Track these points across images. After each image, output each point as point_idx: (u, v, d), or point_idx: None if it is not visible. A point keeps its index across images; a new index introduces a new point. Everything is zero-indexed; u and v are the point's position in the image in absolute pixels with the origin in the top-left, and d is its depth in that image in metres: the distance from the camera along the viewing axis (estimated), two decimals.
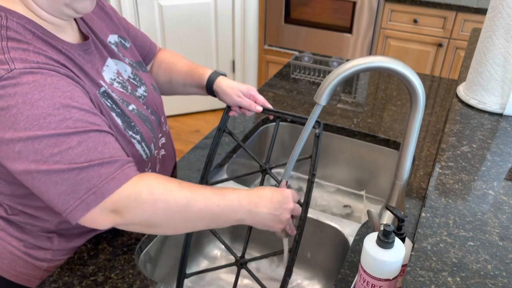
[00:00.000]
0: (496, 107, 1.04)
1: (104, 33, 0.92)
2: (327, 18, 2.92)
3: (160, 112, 1.01)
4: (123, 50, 0.97)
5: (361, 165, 1.38)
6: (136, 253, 0.92)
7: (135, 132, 0.86)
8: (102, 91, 0.82)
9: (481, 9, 2.49)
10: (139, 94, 0.95)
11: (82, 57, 0.81)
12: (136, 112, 0.90)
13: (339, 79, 0.73)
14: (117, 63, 0.92)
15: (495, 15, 0.98)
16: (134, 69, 0.97)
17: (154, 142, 0.93)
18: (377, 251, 0.71)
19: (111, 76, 0.88)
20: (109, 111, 0.81)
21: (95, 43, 0.87)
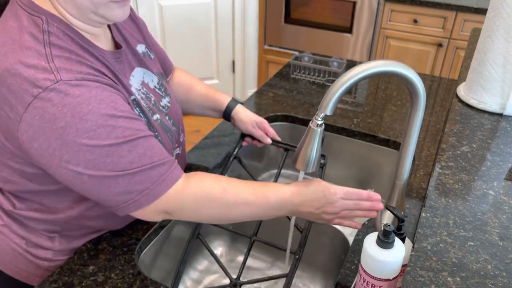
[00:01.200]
0: (496, 107, 1.04)
1: (134, 41, 0.94)
2: (327, 18, 2.92)
3: (180, 123, 1.01)
4: (149, 60, 0.98)
5: (361, 165, 1.38)
6: (136, 253, 0.92)
7: (159, 142, 0.86)
8: (132, 99, 0.82)
9: (481, 9, 2.49)
10: (163, 104, 0.95)
11: (112, 65, 0.81)
12: (160, 123, 0.90)
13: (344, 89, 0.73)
14: (145, 72, 0.93)
15: (495, 15, 0.98)
16: (161, 79, 0.98)
17: (172, 154, 0.94)
18: (377, 251, 0.71)
19: (137, 86, 0.89)
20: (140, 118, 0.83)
21: (125, 52, 0.88)
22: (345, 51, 2.97)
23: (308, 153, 0.80)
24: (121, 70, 0.84)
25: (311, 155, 0.81)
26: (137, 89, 0.88)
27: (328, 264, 1.11)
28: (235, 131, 1.34)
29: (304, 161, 0.81)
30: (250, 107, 1.47)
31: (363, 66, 0.72)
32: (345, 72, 0.73)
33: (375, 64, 0.73)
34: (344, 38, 2.93)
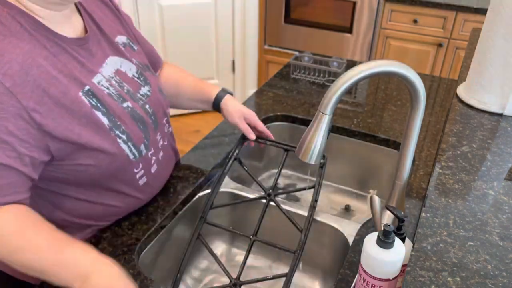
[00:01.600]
0: (496, 107, 1.04)
1: (113, 32, 0.94)
2: (327, 18, 2.92)
3: (161, 113, 1.01)
4: (131, 51, 0.98)
5: (361, 165, 1.38)
6: (136, 253, 0.92)
7: (121, 132, 0.86)
8: (86, 89, 0.81)
9: (481, 9, 2.49)
10: (142, 93, 0.95)
11: (76, 51, 0.81)
12: (130, 111, 0.89)
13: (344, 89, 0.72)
14: (123, 61, 0.93)
15: (495, 15, 0.98)
16: (141, 69, 0.97)
17: (146, 144, 0.92)
18: (377, 251, 0.71)
19: (109, 73, 0.88)
20: (91, 111, 0.81)
21: (97, 40, 0.88)
22: (345, 51, 2.97)
23: (313, 141, 0.77)
24: (85, 57, 0.83)
25: (316, 143, 0.77)
26: (104, 79, 0.87)
27: (328, 264, 1.11)
28: (235, 131, 1.34)
29: (308, 150, 0.78)
30: (250, 107, 1.47)
31: (363, 66, 0.72)
32: (345, 72, 0.73)
33: (375, 64, 0.73)
34: (344, 38, 2.93)
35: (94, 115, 0.81)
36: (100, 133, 0.82)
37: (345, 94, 0.74)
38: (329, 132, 0.77)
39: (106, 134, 0.83)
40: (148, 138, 0.93)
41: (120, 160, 0.86)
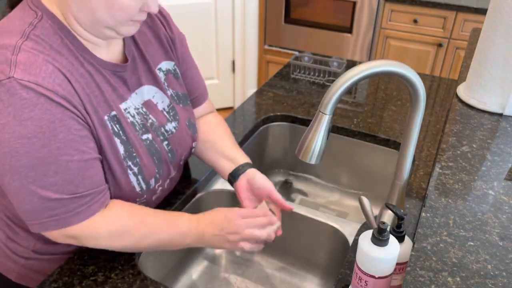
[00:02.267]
0: (496, 107, 1.04)
1: (156, 59, 0.91)
2: (327, 18, 2.92)
3: (182, 153, 0.97)
4: (173, 79, 0.95)
5: (361, 165, 1.38)
6: (136, 253, 0.92)
7: (134, 164, 0.84)
8: (112, 114, 0.80)
9: (481, 9, 2.49)
10: (167, 129, 0.92)
11: (109, 76, 0.80)
12: (148, 144, 0.87)
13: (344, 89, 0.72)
14: (157, 92, 0.91)
15: (495, 15, 0.98)
16: (174, 102, 0.94)
17: (157, 178, 0.90)
18: (371, 249, 0.71)
19: (136, 104, 0.86)
20: (111, 136, 0.80)
21: (135, 67, 0.86)
22: (345, 51, 2.97)
23: (313, 141, 0.77)
24: (116, 83, 0.82)
25: (316, 143, 0.77)
26: (132, 107, 0.85)
27: (328, 264, 1.11)
28: (235, 131, 1.34)
29: (309, 150, 0.78)
30: (250, 107, 1.47)
31: (363, 66, 0.72)
32: (345, 72, 0.73)
33: (375, 64, 0.73)
34: (344, 38, 2.93)
35: (113, 141, 0.80)
36: (115, 161, 0.81)
37: (345, 94, 0.74)
38: (329, 132, 0.77)
39: (119, 162, 0.82)
40: (160, 173, 0.91)
41: (125, 190, 0.84)
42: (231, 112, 1.45)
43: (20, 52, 0.68)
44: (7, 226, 0.92)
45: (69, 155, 0.71)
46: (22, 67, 0.67)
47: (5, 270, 0.94)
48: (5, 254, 0.93)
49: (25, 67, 0.67)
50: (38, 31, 0.71)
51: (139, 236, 0.83)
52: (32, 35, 0.70)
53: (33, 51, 0.69)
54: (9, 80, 0.66)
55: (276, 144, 1.47)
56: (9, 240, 0.92)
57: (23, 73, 0.67)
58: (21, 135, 0.67)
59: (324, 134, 0.76)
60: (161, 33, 0.93)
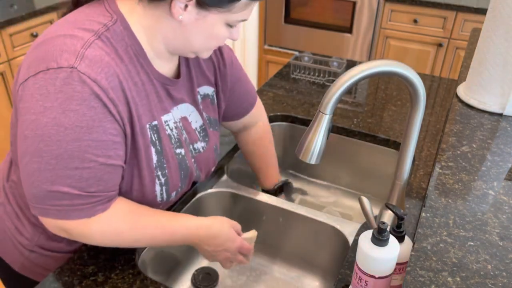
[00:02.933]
0: (496, 107, 1.04)
1: (199, 81, 0.95)
2: (327, 18, 2.92)
3: (205, 171, 1.01)
4: (209, 104, 0.99)
5: (361, 165, 1.38)
6: (136, 253, 0.92)
7: (163, 174, 0.86)
8: (153, 124, 0.82)
9: (481, 9, 2.49)
10: (195, 147, 0.95)
11: (159, 87, 0.83)
12: (180, 158, 0.89)
13: (344, 89, 0.72)
14: (193, 111, 0.94)
15: (495, 15, 0.98)
16: (207, 124, 0.98)
17: (178, 191, 0.92)
18: (371, 249, 0.71)
19: (175, 118, 0.89)
20: (149, 144, 0.82)
21: (182, 84, 0.90)
22: (345, 51, 2.97)
23: (313, 141, 0.77)
24: (163, 96, 0.85)
25: (316, 143, 0.77)
26: (172, 121, 0.88)
27: (328, 264, 1.11)
28: None
29: (309, 150, 0.78)
30: None
31: (363, 66, 0.72)
32: (345, 72, 0.73)
33: (375, 64, 0.73)
34: (344, 38, 2.93)
35: (149, 149, 0.82)
36: (147, 168, 0.82)
37: (345, 94, 0.74)
38: (329, 132, 0.77)
39: (150, 170, 0.83)
40: (182, 188, 0.93)
41: (147, 198, 0.86)
42: None
43: (89, 48, 0.70)
44: (16, 217, 0.93)
45: (95, 156, 0.72)
46: (87, 62, 0.69)
47: (10, 260, 0.96)
48: (12, 244, 0.95)
49: (90, 63, 0.69)
50: (109, 34, 0.74)
51: (131, 239, 0.83)
52: (103, 36, 0.73)
53: (101, 50, 0.72)
54: (71, 70, 0.68)
55: (276, 144, 1.46)
56: (17, 232, 0.93)
57: (87, 68, 0.69)
58: (60, 123, 0.69)
59: (324, 134, 0.76)
60: (212, 60, 0.97)
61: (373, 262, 0.71)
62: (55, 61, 0.68)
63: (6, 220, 0.94)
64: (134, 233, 0.82)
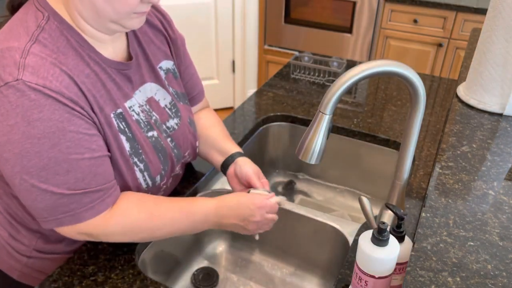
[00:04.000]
0: (496, 107, 1.04)
1: (157, 57, 0.93)
2: (327, 18, 2.92)
3: (186, 147, 0.98)
4: (173, 78, 0.97)
5: (361, 165, 1.38)
6: (136, 253, 0.92)
7: (140, 160, 0.85)
8: (118, 112, 0.81)
9: (481, 9, 2.49)
10: (169, 125, 0.94)
11: (114, 74, 0.81)
12: (153, 141, 0.88)
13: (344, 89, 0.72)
14: (159, 89, 0.92)
15: (495, 15, 0.98)
16: (175, 99, 0.96)
17: (162, 174, 0.91)
18: (372, 249, 0.71)
19: (139, 101, 0.87)
20: (117, 134, 0.81)
21: (138, 64, 0.87)
22: (345, 51, 2.97)
23: (313, 141, 0.77)
24: (121, 81, 0.83)
25: (316, 143, 0.77)
26: (137, 105, 0.86)
27: (328, 264, 1.11)
28: (235, 131, 1.34)
29: (309, 150, 0.78)
30: (250, 107, 1.47)
31: (363, 66, 0.72)
32: (345, 72, 0.73)
33: (375, 64, 0.73)
34: (344, 38, 2.93)
35: (119, 138, 0.81)
36: (121, 157, 0.82)
37: (345, 94, 0.74)
38: (329, 132, 0.77)
39: (125, 159, 0.82)
40: (166, 170, 0.92)
41: (132, 187, 0.85)
42: (231, 112, 1.45)
43: (28, 55, 0.69)
44: (9, 224, 0.92)
45: (80, 154, 0.72)
46: (31, 70, 0.68)
47: (7, 268, 0.95)
48: (7, 252, 0.93)
49: (33, 70, 0.68)
50: (46, 33, 0.72)
51: (152, 228, 0.83)
52: (40, 37, 0.71)
53: (41, 54, 0.70)
54: (17, 82, 0.67)
55: (276, 144, 1.47)
56: (12, 239, 0.92)
57: (31, 76, 0.68)
58: (31, 135, 0.68)
59: (324, 134, 0.76)
60: (162, 33, 0.95)
61: (373, 262, 0.71)
62: (0, 79, 0.68)
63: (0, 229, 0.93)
64: (154, 221, 0.83)
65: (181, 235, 1.05)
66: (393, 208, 0.75)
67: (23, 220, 0.90)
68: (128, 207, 0.81)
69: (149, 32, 0.92)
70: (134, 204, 0.82)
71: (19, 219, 0.91)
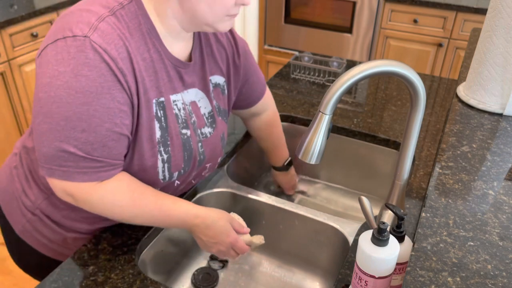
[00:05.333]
0: (496, 107, 1.04)
1: (212, 70, 0.97)
2: (327, 18, 2.92)
3: (210, 159, 1.01)
4: (219, 93, 1.01)
5: (361, 165, 1.38)
6: (136, 253, 0.92)
7: (165, 151, 0.87)
8: (160, 100, 0.85)
9: (481, 9, 2.49)
10: (202, 132, 0.97)
11: (170, 68, 0.86)
12: (185, 138, 0.91)
13: (344, 89, 0.72)
14: (203, 97, 0.96)
15: (495, 15, 0.98)
16: (215, 112, 1.00)
17: (181, 173, 0.93)
18: (372, 249, 0.71)
19: (185, 100, 0.91)
20: (153, 119, 0.84)
21: (194, 70, 0.92)
22: (345, 51, 2.97)
23: (313, 141, 0.77)
24: (173, 77, 0.87)
25: (316, 143, 0.77)
26: (180, 101, 0.89)
27: (328, 264, 1.11)
28: (235, 131, 1.34)
29: (308, 150, 0.78)
30: None
31: (363, 66, 0.72)
32: (345, 72, 0.73)
33: (375, 64, 0.73)
34: (344, 38, 2.93)
35: (153, 123, 0.84)
36: (148, 141, 0.84)
37: (345, 94, 0.73)
38: (329, 132, 0.77)
39: (152, 144, 0.85)
40: (185, 170, 0.94)
41: (149, 173, 0.88)
42: None
43: (102, 22, 0.75)
44: (25, 179, 0.97)
45: (102, 121, 0.76)
46: (100, 33, 0.74)
47: (13, 221, 1.01)
48: (17, 205, 0.99)
49: (102, 34, 0.74)
50: (123, 11, 0.78)
51: (130, 214, 0.86)
52: (118, 13, 0.78)
53: (113, 25, 0.76)
54: (84, 39, 0.73)
55: None
56: (23, 194, 0.98)
57: (98, 38, 0.74)
58: (71, 86, 0.73)
59: (324, 134, 0.76)
60: (225, 51, 0.99)
61: (373, 262, 0.71)
62: (71, 31, 0.74)
63: (16, 182, 0.99)
64: (133, 209, 0.85)
65: (181, 235, 1.05)
66: (393, 208, 0.75)
67: (39, 178, 0.95)
68: (116, 187, 0.83)
69: (213, 45, 0.96)
70: (123, 188, 0.84)
71: (36, 176, 0.95)
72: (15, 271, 2.05)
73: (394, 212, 0.74)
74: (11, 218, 1.01)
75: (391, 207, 0.75)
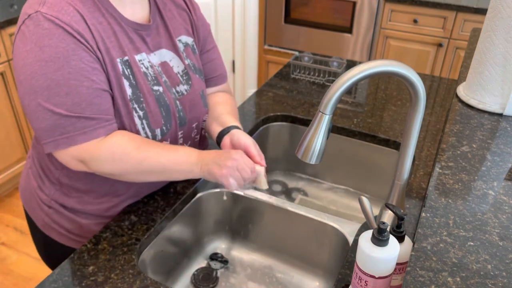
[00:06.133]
0: (496, 107, 1.04)
1: (178, 31, 1.01)
2: (327, 18, 2.92)
3: (192, 118, 1.03)
4: (191, 52, 1.04)
5: (361, 165, 1.38)
6: (136, 253, 0.92)
7: (140, 108, 0.91)
8: (124, 59, 0.89)
9: (481, 9, 2.49)
10: (178, 90, 0.99)
11: (130, 32, 0.90)
12: (158, 95, 0.94)
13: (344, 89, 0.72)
14: (174, 57, 0.99)
15: (495, 15, 0.98)
16: (190, 70, 1.03)
17: (164, 131, 0.95)
18: (371, 249, 0.71)
19: (155, 61, 0.95)
20: (120, 77, 0.88)
21: (157, 32, 0.95)
22: (345, 51, 2.97)
23: (313, 141, 0.77)
24: (135, 39, 0.91)
25: (316, 143, 0.77)
26: (147, 60, 0.93)
27: (328, 264, 1.11)
28: None
29: (308, 150, 0.78)
30: (250, 107, 1.47)
31: (363, 66, 0.72)
32: (345, 72, 0.73)
33: (375, 64, 0.73)
34: (344, 38, 2.93)
35: (121, 81, 0.88)
36: (121, 99, 0.88)
37: (345, 94, 0.73)
38: (329, 132, 0.77)
39: (125, 102, 0.89)
40: (168, 128, 0.96)
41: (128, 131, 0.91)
42: None
43: None
44: (39, 176, 1.03)
45: (79, 81, 0.81)
46: (48, 5, 0.80)
47: (35, 217, 1.07)
48: (36, 201, 1.05)
49: (50, 5, 0.80)
50: None
51: (138, 158, 0.88)
52: None
53: None
54: (36, 14, 0.80)
55: (276, 144, 1.47)
56: (39, 189, 1.04)
57: (48, 9, 0.80)
58: (41, 58, 0.80)
59: (324, 134, 0.76)
60: (186, 13, 1.03)
61: (373, 262, 0.71)
62: (26, 13, 0.81)
63: (32, 180, 1.05)
64: (140, 152, 0.88)
65: (181, 235, 1.05)
66: (393, 208, 0.75)
67: (50, 172, 1.00)
68: (120, 138, 0.87)
69: (173, 10, 1.01)
70: (126, 138, 0.88)
71: (47, 171, 1.00)
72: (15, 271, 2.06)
73: (394, 212, 0.74)
74: (33, 215, 1.07)
75: (391, 207, 0.75)
